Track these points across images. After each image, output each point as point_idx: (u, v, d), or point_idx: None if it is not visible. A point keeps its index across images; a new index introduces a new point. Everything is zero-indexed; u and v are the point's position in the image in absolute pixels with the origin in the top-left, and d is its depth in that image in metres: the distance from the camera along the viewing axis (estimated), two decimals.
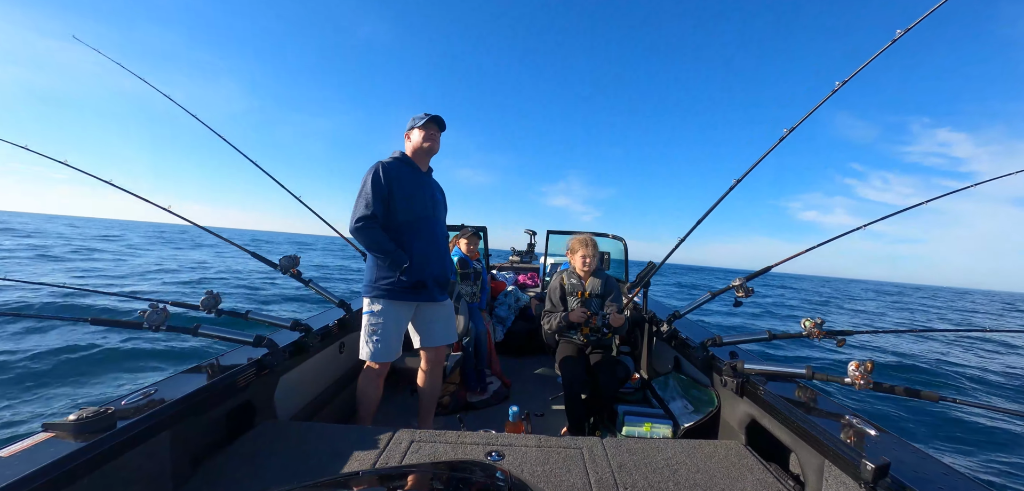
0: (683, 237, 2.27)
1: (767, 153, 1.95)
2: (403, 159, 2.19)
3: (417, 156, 2.22)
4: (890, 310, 22.12)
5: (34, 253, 17.14)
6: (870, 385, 1.54)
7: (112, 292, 2.38)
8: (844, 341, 1.77)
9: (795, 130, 1.88)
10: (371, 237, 2.04)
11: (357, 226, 2.04)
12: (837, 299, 30.54)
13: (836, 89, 1.76)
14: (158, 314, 1.72)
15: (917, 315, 21.74)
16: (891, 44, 1.63)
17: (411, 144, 2.21)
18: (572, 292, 2.72)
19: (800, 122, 1.88)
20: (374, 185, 2.04)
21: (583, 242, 2.70)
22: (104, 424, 1.20)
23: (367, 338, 2.11)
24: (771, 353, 6.93)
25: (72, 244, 23.01)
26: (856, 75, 1.73)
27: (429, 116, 2.18)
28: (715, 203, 2.16)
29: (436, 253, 2.21)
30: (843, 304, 25.56)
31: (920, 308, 27.23)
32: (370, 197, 2.03)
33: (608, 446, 1.66)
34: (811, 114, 1.86)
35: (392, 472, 1.18)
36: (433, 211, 2.23)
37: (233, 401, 1.69)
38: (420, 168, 2.23)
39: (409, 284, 2.10)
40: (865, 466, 1.17)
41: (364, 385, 2.17)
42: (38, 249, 18.79)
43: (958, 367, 7.68)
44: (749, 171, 2.01)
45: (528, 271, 5.81)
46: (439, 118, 2.21)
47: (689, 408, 2.24)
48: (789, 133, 1.89)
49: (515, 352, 4.19)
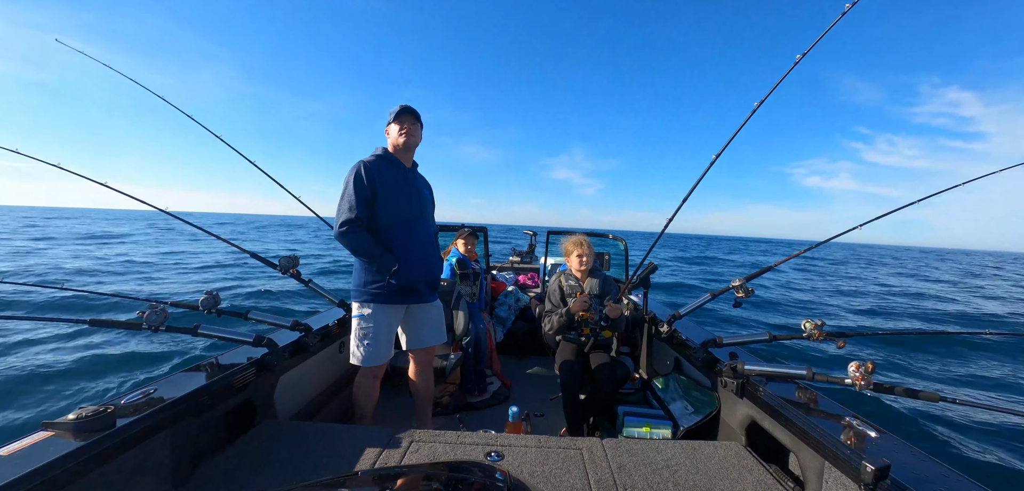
0: (663, 229, 2.24)
1: (739, 128, 1.93)
2: (385, 156, 2.11)
3: (399, 152, 2.13)
4: (894, 277, 21.64)
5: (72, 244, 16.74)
6: (870, 386, 1.54)
7: (112, 292, 2.38)
8: (844, 343, 1.77)
9: (765, 102, 1.85)
10: (356, 242, 1.97)
11: (341, 231, 1.96)
12: (853, 261, 29.57)
13: (797, 62, 1.76)
14: (157, 314, 1.72)
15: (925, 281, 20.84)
16: (841, 17, 1.67)
17: (390, 140, 2.13)
18: (570, 293, 2.72)
19: (767, 95, 1.85)
20: (356, 187, 1.96)
21: (577, 242, 2.69)
22: (103, 423, 1.20)
23: (358, 342, 2.07)
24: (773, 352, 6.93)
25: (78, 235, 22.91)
26: (816, 44, 1.76)
27: (402, 107, 2.09)
28: (694, 184, 2.12)
29: (424, 254, 2.15)
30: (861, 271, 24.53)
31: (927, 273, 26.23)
32: (353, 199, 1.95)
33: (608, 447, 1.65)
34: (777, 87, 1.84)
35: (392, 472, 1.18)
36: (420, 210, 2.16)
37: (233, 401, 1.69)
38: (404, 164, 2.14)
39: (398, 287, 2.05)
40: (865, 467, 1.17)
41: (361, 387, 2.16)
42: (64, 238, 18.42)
43: (960, 369, 7.67)
44: (724, 148, 1.98)
45: (528, 271, 5.81)
46: (411, 108, 2.11)
47: (689, 409, 2.24)
48: (759, 106, 1.86)
49: (515, 352, 4.19)
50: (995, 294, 17.66)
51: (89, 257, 15.28)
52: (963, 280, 23.00)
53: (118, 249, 18.09)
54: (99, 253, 16.67)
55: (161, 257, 16.18)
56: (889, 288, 17.80)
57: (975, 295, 17.01)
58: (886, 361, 7.26)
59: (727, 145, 1.97)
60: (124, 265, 13.77)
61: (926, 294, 16.28)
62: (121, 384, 4.88)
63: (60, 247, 18.24)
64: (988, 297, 16.62)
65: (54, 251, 16.66)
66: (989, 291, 18.59)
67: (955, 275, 26.52)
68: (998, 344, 7.52)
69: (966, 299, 15.57)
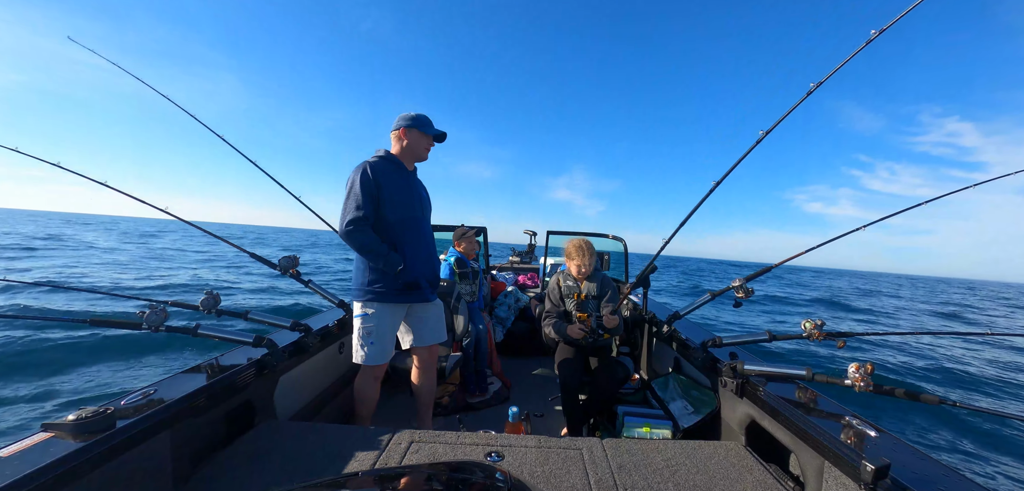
0: (663, 245, 2.28)
1: (743, 156, 1.94)
2: (389, 158, 2.14)
3: (404, 156, 2.17)
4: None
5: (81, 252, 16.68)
6: (870, 387, 1.54)
7: (112, 292, 2.38)
8: (844, 343, 1.77)
9: (772, 132, 1.87)
10: (363, 240, 1.99)
11: (348, 229, 1.98)
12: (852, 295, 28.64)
13: (811, 90, 1.76)
14: (157, 314, 1.71)
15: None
16: (866, 45, 1.63)
17: (403, 145, 2.16)
18: (569, 294, 2.72)
19: (775, 125, 1.87)
20: (363, 186, 1.98)
21: (579, 250, 2.65)
22: (103, 424, 1.20)
23: (362, 341, 2.08)
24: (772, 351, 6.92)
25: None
26: (831, 76, 1.73)
27: (435, 128, 2.19)
28: (694, 207, 2.16)
29: (427, 253, 2.20)
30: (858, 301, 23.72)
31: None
32: (360, 198, 1.97)
33: (608, 447, 1.65)
34: (786, 117, 1.85)
35: (392, 472, 1.18)
36: (421, 211, 2.21)
37: (233, 401, 1.69)
38: (405, 167, 2.19)
39: (403, 285, 2.08)
40: (865, 467, 1.17)
41: (361, 387, 2.16)
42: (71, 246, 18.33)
43: (962, 367, 7.68)
44: (727, 175, 1.99)
45: (528, 272, 5.81)
46: (444, 134, 2.23)
47: (689, 409, 2.24)
48: (765, 136, 1.88)
49: (515, 352, 4.19)
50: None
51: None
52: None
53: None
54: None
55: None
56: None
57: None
58: (885, 363, 7.27)
59: (729, 173, 1.98)
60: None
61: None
62: (121, 384, 4.88)
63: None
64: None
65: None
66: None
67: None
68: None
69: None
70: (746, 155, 1.94)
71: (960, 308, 21.84)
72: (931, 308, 21.62)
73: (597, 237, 4.33)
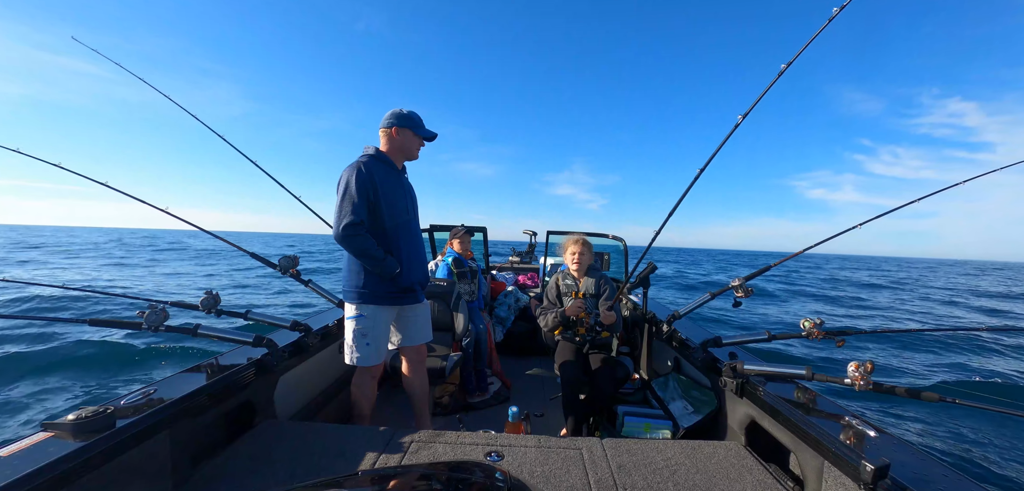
0: (652, 239, 2.23)
1: (723, 142, 1.88)
2: (379, 157, 2.06)
3: (395, 154, 2.10)
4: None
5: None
6: (870, 386, 1.54)
7: (111, 292, 2.38)
8: (843, 341, 1.77)
9: (748, 114, 1.82)
10: (360, 244, 1.93)
11: (344, 234, 1.91)
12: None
13: (782, 71, 1.71)
14: (157, 314, 1.72)
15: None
16: (829, 23, 1.61)
17: (395, 143, 2.09)
18: (567, 292, 2.73)
19: (751, 108, 1.82)
20: (359, 188, 1.92)
21: (574, 240, 2.72)
22: (103, 424, 1.20)
23: (356, 343, 2.05)
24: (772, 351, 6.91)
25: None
26: (800, 54, 1.69)
27: (426, 128, 2.14)
28: (679, 199, 2.11)
29: (419, 256, 2.20)
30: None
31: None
32: (356, 201, 1.91)
33: (608, 447, 1.65)
34: (761, 98, 1.80)
35: (392, 472, 1.18)
36: (413, 213, 2.19)
37: (233, 401, 1.69)
38: (396, 166, 2.12)
39: (398, 289, 2.08)
40: (865, 467, 1.17)
41: (358, 388, 2.16)
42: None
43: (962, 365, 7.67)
44: (708, 163, 1.94)
45: (528, 271, 5.81)
46: (435, 135, 2.17)
47: (689, 409, 2.24)
48: (743, 119, 1.81)
49: (515, 352, 4.19)
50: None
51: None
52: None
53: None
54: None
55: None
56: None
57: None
58: (885, 363, 7.26)
59: (711, 159, 1.92)
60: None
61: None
62: (121, 384, 4.88)
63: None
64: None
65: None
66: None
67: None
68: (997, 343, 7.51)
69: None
70: (725, 141, 1.86)
71: (967, 296, 21.43)
72: (944, 294, 21.23)
73: (597, 237, 4.33)
